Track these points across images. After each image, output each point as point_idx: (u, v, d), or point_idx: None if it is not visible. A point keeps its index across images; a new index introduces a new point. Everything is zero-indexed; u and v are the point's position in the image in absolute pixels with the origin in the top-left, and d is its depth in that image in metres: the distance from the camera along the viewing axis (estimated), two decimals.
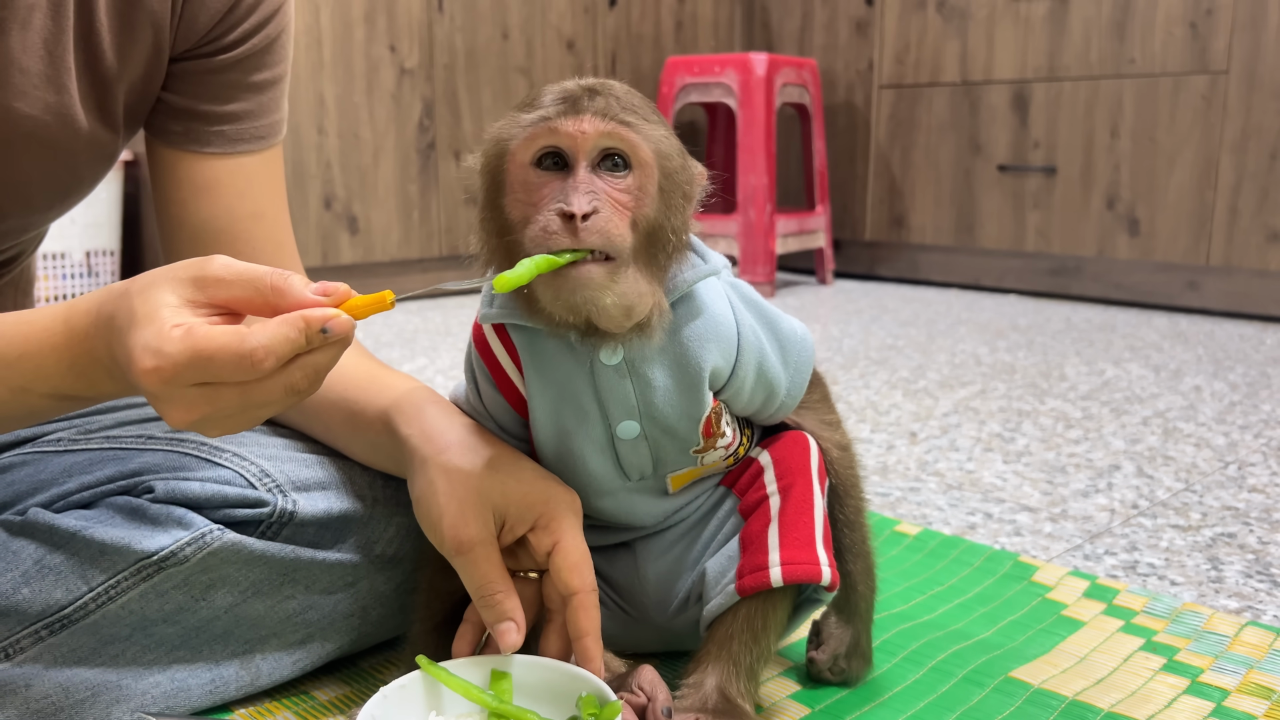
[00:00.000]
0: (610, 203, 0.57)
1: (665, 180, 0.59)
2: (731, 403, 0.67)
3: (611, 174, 0.57)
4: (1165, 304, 2.54)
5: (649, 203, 0.58)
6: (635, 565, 0.72)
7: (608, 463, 0.66)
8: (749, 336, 0.65)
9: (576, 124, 0.57)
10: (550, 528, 0.63)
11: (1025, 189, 2.70)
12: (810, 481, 0.68)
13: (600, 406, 0.64)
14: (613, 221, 0.56)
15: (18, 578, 0.66)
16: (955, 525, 1.10)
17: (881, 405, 1.62)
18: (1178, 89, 2.41)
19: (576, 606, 0.62)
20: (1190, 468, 1.31)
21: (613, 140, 0.57)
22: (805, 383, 0.69)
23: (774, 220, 2.71)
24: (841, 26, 3.01)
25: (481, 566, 0.62)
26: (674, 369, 0.64)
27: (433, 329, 2.29)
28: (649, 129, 0.59)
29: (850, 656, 0.74)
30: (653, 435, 0.65)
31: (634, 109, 0.59)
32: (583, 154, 0.57)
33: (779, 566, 0.65)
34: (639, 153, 0.58)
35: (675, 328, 0.63)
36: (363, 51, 2.50)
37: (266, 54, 0.77)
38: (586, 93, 0.58)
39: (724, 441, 0.67)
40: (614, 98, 0.59)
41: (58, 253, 2.57)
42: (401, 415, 0.68)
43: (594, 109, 0.57)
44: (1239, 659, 0.80)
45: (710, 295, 0.64)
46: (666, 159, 0.59)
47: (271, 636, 0.71)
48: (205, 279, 0.53)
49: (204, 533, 0.67)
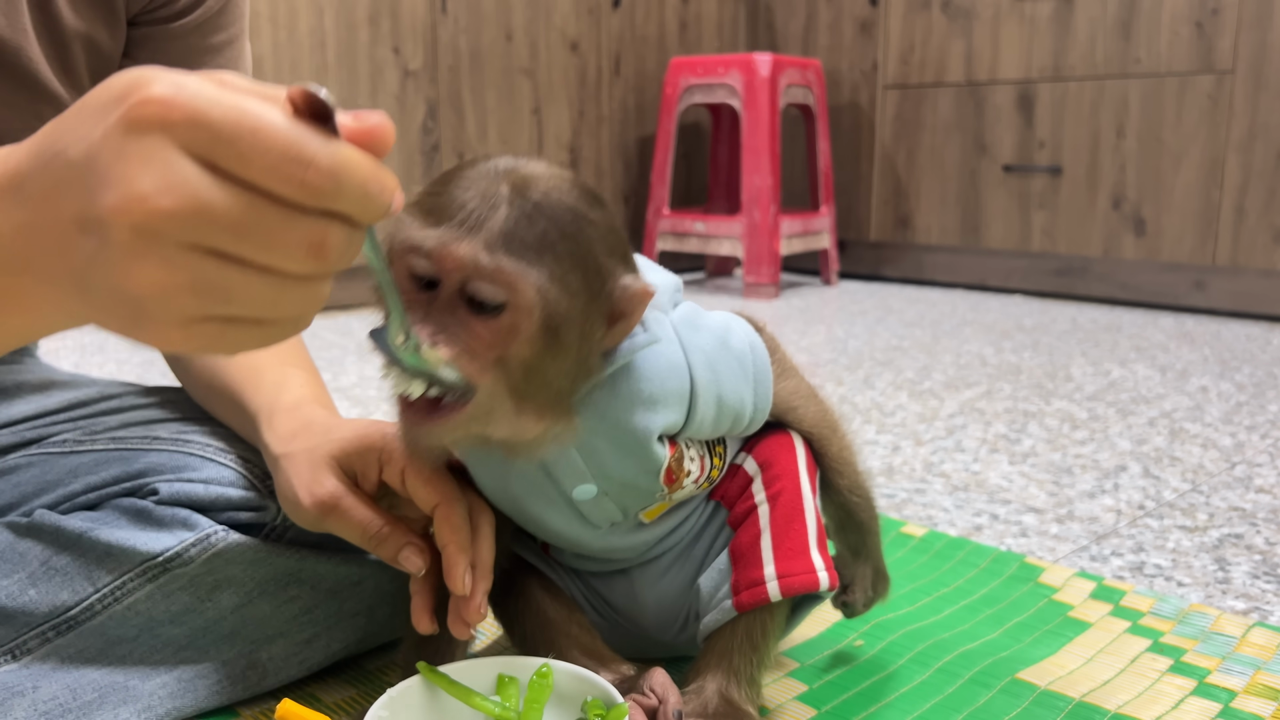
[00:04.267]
0: (470, 334, 0.51)
1: (550, 323, 0.52)
2: (696, 435, 0.64)
3: (477, 311, 0.51)
4: (1171, 304, 2.53)
5: (523, 345, 0.52)
6: (633, 591, 0.71)
7: (572, 520, 0.64)
8: (702, 378, 0.61)
9: (447, 251, 0.50)
10: (394, 456, 0.62)
11: (1031, 189, 2.69)
12: (799, 482, 0.67)
13: (549, 476, 0.62)
14: (466, 361, 0.51)
15: (24, 579, 0.66)
16: (961, 527, 1.10)
17: (887, 406, 1.62)
18: (1183, 89, 2.41)
19: (439, 518, 0.61)
20: (1197, 468, 1.30)
21: (485, 276, 0.50)
22: (770, 391, 0.65)
23: (778, 221, 2.71)
24: (846, 27, 3.01)
25: (354, 514, 0.61)
26: (617, 435, 0.60)
27: None
28: (542, 265, 0.51)
29: (876, 583, 0.76)
30: (613, 491, 0.62)
31: (538, 234, 0.51)
32: (449, 284, 0.51)
33: (775, 580, 0.64)
34: (516, 295, 0.51)
35: (613, 395, 0.59)
36: (367, 54, 2.50)
37: (222, 15, 0.78)
38: (485, 202, 0.51)
39: (691, 479, 0.64)
40: (524, 209, 0.51)
41: None
42: (263, 418, 0.69)
43: (480, 234, 0.50)
44: (1246, 660, 0.79)
45: (651, 359, 0.59)
46: (555, 303, 0.51)
47: (278, 636, 0.71)
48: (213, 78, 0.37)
49: (209, 534, 0.67)
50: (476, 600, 0.60)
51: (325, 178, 0.35)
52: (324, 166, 0.35)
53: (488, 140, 2.70)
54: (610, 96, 2.97)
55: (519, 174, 0.53)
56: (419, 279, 0.52)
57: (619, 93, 2.98)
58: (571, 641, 0.68)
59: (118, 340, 2.22)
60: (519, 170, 0.53)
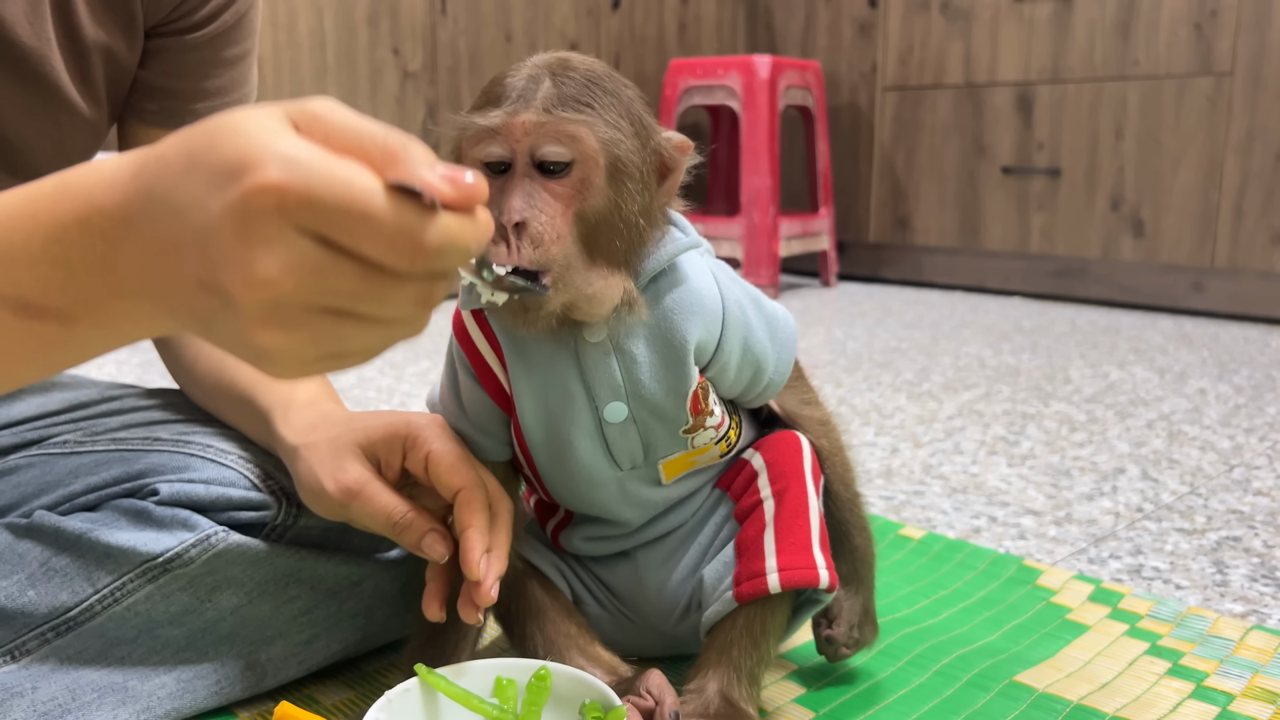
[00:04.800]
0: (548, 204, 0.56)
1: (615, 167, 0.57)
2: (718, 380, 0.66)
3: (552, 173, 0.56)
4: (1170, 306, 2.53)
5: (595, 195, 0.56)
6: (637, 574, 0.72)
7: (598, 450, 0.65)
8: (734, 311, 0.64)
9: (511, 125, 0.56)
10: (418, 443, 0.63)
11: (1029, 191, 2.69)
12: (804, 483, 0.68)
13: (586, 388, 0.63)
14: (546, 231, 0.55)
15: (24, 580, 0.66)
16: (960, 529, 1.10)
17: (885, 408, 1.62)
18: (1182, 90, 2.41)
19: (460, 503, 0.62)
20: (1195, 471, 1.30)
21: (549, 137, 0.56)
22: (791, 360, 0.68)
23: (777, 223, 2.71)
24: (845, 28, 3.01)
25: (379, 500, 0.62)
26: (658, 343, 0.63)
27: (435, 331, 2.30)
28: (595, 115, 0.56)
29: (862, 624, 0.74)
30: (641, 417, 0.64)
31: (585, 92, 0.57)
32: (520, 155, 0.56)
33: (776, 573, 0.65)
34: (580, 145, 0.56)
35: (656, 300, 0.62)
36: (366, 55, 2.50)
37: (237, 29, 0.78)
38: (532, 81, 0.57)
39: (713, 421, 0.66)
40: (566, 79, 0.57)
41: None
42: (277, 413, 0.70)
43: (535, 103, 0.56)
44: (1244, 663, 0.80)
45: (693, 268, 0.63)
46: (614, 145, 0.57)
47: (277, 637, 0.71)
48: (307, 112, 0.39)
49: (209, 534, 0.67)
50: (488, 584, 0.61)
51: (432, 254, 0.38)
52: (431, 245, 0.38)
53: None
54: None
55: (556, 58, 0.59)
56: (493, 166, 0.57)
57: None
58: (570, 643, 0.69)
59: None
60: (556, 56, 0.59)
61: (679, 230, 0.63)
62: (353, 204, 0.37)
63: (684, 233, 0.63)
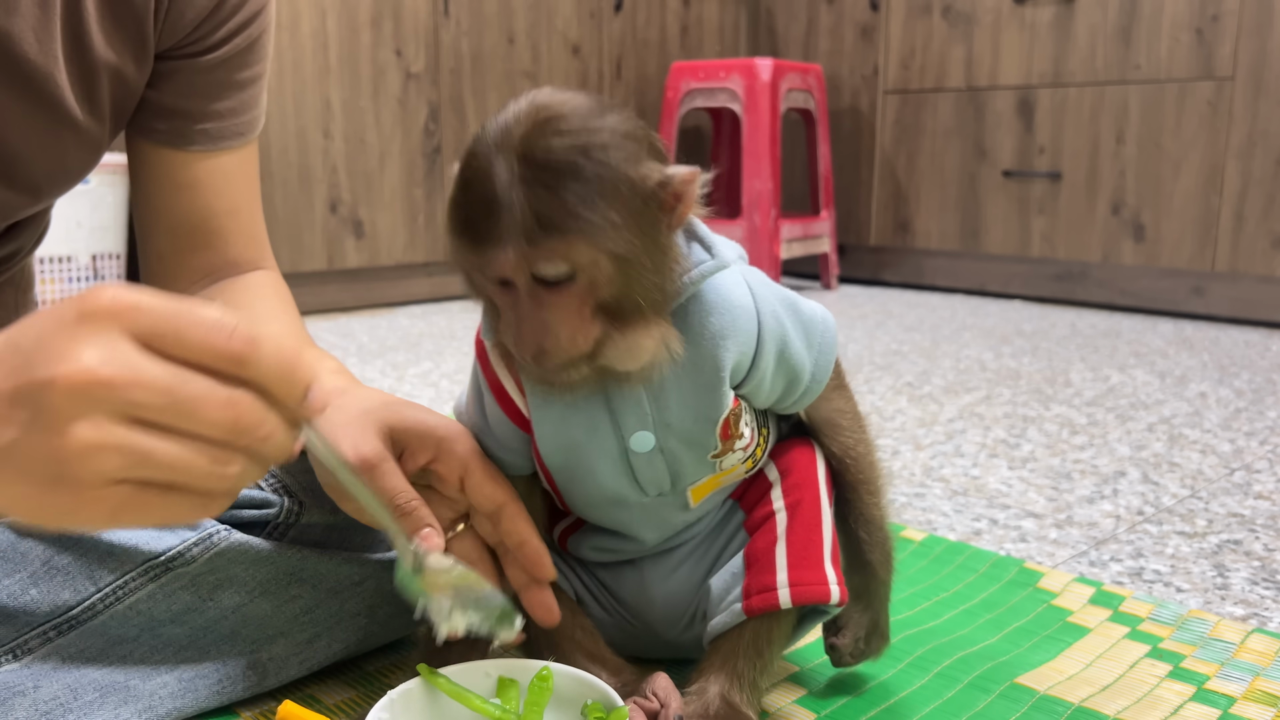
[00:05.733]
0: (560, 316, 0.54)
1: (618, 257, 0.53)
2: (753, 396, 0.65)
3: (554, 287, 0.54)
4: (1170, 310, 2.54)
5: (606, 285, 0.54)
6: (642, 583, 0.71)
7: (622, 478, 0.64)
8: (769, 323, 0.62)
9: (497, 262, 0.53)
10: (454, 452, 0.63)
11: (1030, 194, 2.69)
12: (818, 495, 0.67)
13: (611, 416, 0.62)
14: (570, 343, 0.55)
15: (25, 578, 0.66)
16: (960, 531, 1.10)
17: (886, 411, 1.62)
18: (1183, 95, 2.41)
19: (509, 517, 0.63)
20: (1196, 474, 1.30)
21: (540, 263, 0.53)
22: (830, 365, 0.66)
23: (778, 225, 2.71)
24: (847, 32, 3.02)
25: (390, 479, 0.62)
26: (688, 369, 0.60)
27: (437, 333, 2.30)
28: (582, 221, 0.52)
29: (870, 638, 0.73)
30: (668, 446, 0.63)
31: (564, 193, 0.52)
32: (519, 278, 0.54)
33: (787, 588, 0.64)
34: (575, 258, 0.53)
35: (686, 327, 0.59)
36: (369, 56, 2.50)
37: (249, 53, 0.78)
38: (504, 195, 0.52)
39: (741, 443, 0.65)
40: (539, 181, 0.52)
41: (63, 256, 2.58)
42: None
43: (513, 237, 0.52)
44: (1245, 666, 0.80)
45: (724, 288, 0.60)
46: (611, 243, 0.53)
47: (279, 636, 0.71)
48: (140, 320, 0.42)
49: (211, 533, 0.67)
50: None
51: (244, 343, 0.42)
52: (243, 333, 0.42)
53: None
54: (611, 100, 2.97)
55: (514, 140, 0.53)
56: (498, 283, 0.55)
57: (620, 96, 2.99)
58: (573, 644, 0.68)
59: None
60: (512, 135, 0.53)
61: (705, 248, 0.60)
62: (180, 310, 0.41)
63: (710, 249, 0.60)
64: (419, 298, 2.72)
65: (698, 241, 0.61)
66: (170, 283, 0.81)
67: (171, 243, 0.80)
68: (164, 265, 0.81)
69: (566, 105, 0.55)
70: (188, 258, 0.81)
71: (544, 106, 0.54)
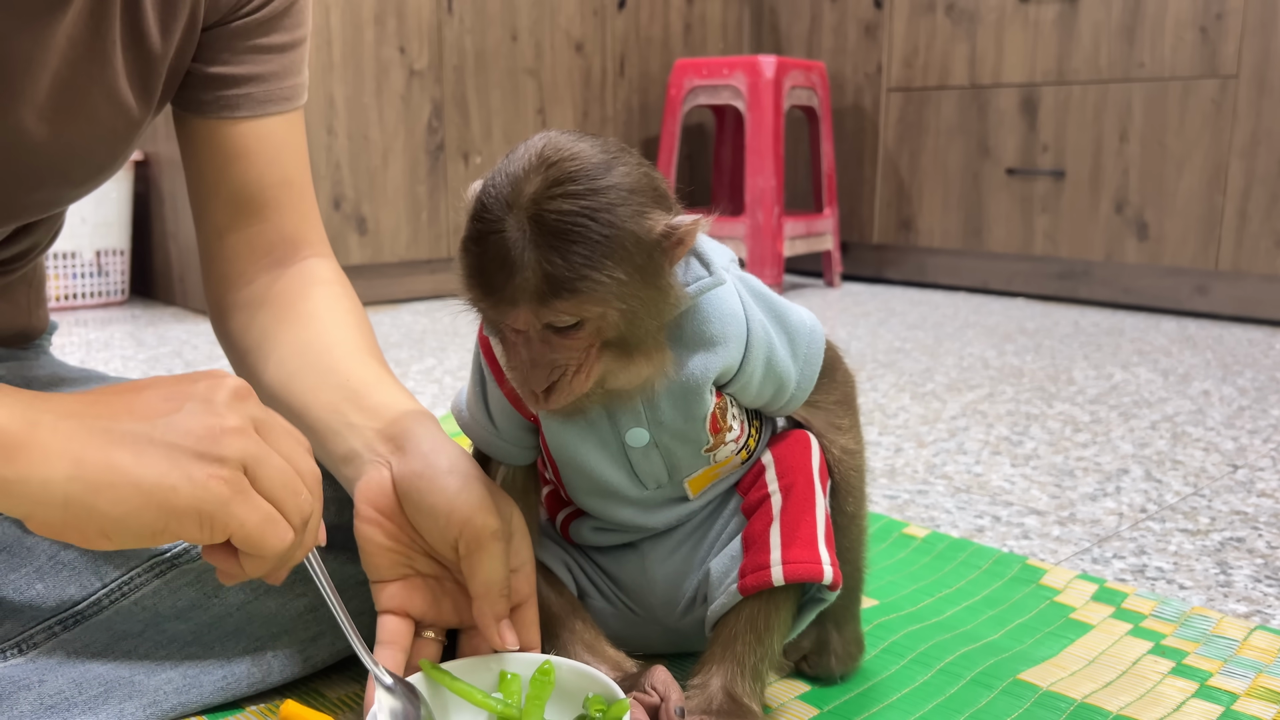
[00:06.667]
0: (568, 356, 0.58)
1: (624, 308, 0.56)
2: (740, 395, 0.67)
3: (562, 332, 0.57)
4: (1174, 308, 2.53)
5: (613, 329, 0.57)
6: (643, 566, 0.72)
7: (622, 473, 0.67)
8: (758, 332, 0.65)
9: (509, 321, 0.57)
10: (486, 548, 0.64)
11: (1034, 192, 2.69)
12: (811, 480, 0.68)
13: (609, 414, 0.65)
14: (575, 384, 0.58)
15: (31, 573, 0.67)
16: (963, 528, 1.10)
17: (889, 408, 1.62)
18: (1187, 93, 2.41)
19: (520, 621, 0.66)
20: (1199, 472, 1.30)
21: (551, 316, 0.56)
22: (815, 374, 0.69)
23: (781, 223, 2.71)
24: (850, 29, 3.01)
25: (501, 560, 0.63)
26: (672, 384, 0.63)
27: (441, 330, 2.30)
28: (590, 282, 0.54)
29: (820, 654, 0.75)
30: (662, 441, 0.65)
31: (572, 253, 0.54)
32: (530, 328, 0.57)
33: (780, 566, 0.65)
34: (583, 312, 0.56)
35: (681, 335, 0.63)
36: (372, 53, 2.50)
37: (287, 16, 0.78)
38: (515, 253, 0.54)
39: (732, 435, 0.67)
40: (549, 240, 0.54)
41: (68, 252, 2.58)
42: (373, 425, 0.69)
43: (524, 298, 0.55)
44: (1248, 663, 0.80)
45: (716, 301, 0.63)
46: (619, 298, 0.56)
47: (283, 633, 0.71)
48: None
49: None
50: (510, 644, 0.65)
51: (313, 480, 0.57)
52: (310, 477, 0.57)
53: (492, 140, 2.71)
54: (614, 97, 2.97)
55: (524, 200, 0.55)
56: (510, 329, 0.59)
57: (623, 94, 2.99)
58: (575, 637, 0.69)
59: (123, 337, 2.22)
60: (523, 194, 0.55)
61: (703, 264, 0.62)
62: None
63: (708, 265, 0.62)
64: (422, 294, 2.72)
65: (696, 257, 0.63)
66: (230, 262, 0.80)
67: (228, 217, 0.79)
68: (222, 242, 0.80)
69: (575, 162, 0.56)
70: (244, 231, 0.79)
71: (553, 163, 0.56)
